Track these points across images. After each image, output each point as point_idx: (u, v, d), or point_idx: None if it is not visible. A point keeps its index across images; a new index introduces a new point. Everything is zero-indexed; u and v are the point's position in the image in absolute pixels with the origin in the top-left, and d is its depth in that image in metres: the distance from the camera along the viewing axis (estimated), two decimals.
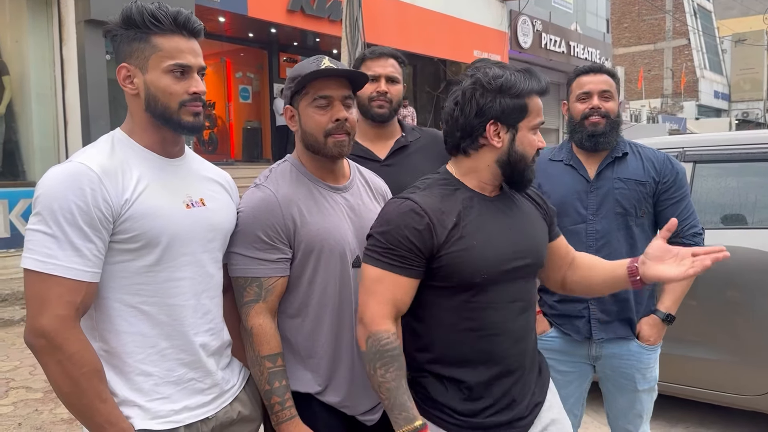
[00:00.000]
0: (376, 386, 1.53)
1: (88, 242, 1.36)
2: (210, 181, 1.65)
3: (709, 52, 34.15)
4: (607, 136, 2.30)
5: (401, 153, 2.32)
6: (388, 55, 2.32)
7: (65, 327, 1.33)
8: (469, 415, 1.60)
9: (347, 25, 8.06)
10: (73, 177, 1.36)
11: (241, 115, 15.05)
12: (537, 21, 18.26)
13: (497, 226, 1.63)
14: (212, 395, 1.56)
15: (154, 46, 1.45)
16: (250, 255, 1.64)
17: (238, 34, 13.43)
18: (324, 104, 1.69)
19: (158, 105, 1.47)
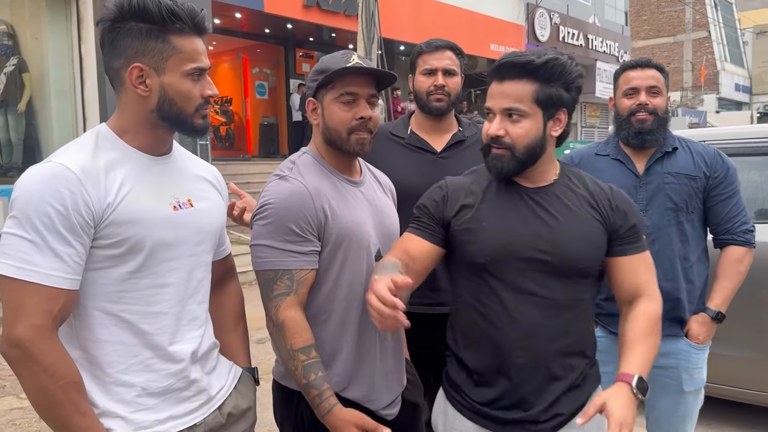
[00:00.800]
0: None
1: (68, 247, 1.27)
2: (198, 178, 1.57)
3: (730, 44, 33.66)
4: (655, 133, 2.24)
5: (457, 147, 2.31)
6: (445, 48, 2.29)
7: (41, 337, 1.25)
8: (480, 402, 1.61)
9: (363, 20, 8.05)
10: (50, 179, 1.27)
11: (258, 111, 15.11)
12: (554, 14, 18.11)
13: (522, 214, 1.60)
14: (199, 401, 1.50)
15: (174, 47, 1.36)
16: (280, 247, 1.61)
17: (255, 30, 13.47)
18: (349, 101, 1.68)
19: (174, 108, 1.39)
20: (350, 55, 1.69)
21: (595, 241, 1.61)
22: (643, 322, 1.59)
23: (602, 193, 1.66)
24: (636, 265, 1.64)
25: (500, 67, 1.58)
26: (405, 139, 2.30)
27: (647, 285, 1.65)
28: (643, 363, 1.53)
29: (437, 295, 2.20)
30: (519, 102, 1.56)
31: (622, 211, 1.64)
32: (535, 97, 1.56)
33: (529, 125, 1.57)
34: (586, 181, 1.69)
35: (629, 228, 1.63)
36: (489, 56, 16.55)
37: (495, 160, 1.60)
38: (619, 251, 1.63)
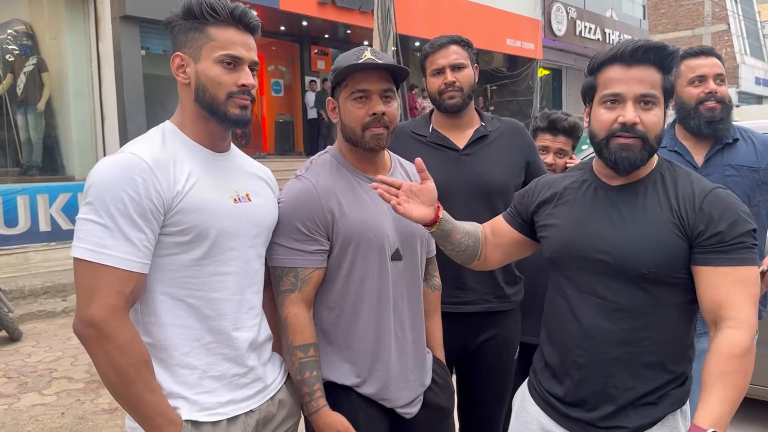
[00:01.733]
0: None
1: (139, 232, 1.35)
2: (254, 176, 1.65)
3: (750, 38, 33.16)
4: (725, 122, 2.19)
5: (480, 143, 2.27)
6: (449, 43, 2.26)
7: (114, 317, 1.33)
8: (550, 393, 1.62)
9: (379, 17, 8.03)
10: (125, 167, 1.35)
11: (274, 109, 15.14)
12: (571, 8, 17.96)
13: (594, 213, 1.57)
14: (255, 389, 1.56)
15: (208, 36, 1.46)
16: (288, 245, 1.65)
17: (270, 28, 13.49)
18: (362, 97, 1.68)
19: (207, 95, 1.47)
20: (363, 51, 1.69)
21: (667, 246, 1.47)
22: (722, 358, 1.36)
23: (690, 192, 1.49)
24: (720, 278, 1.42)
25: (633, 51, 1.48)
26: (427, 138, 2.28)
27: (733, 306, 1.40)
28: (720, 413, 1.32)
29: (465, 294, 2.19)
30: (654, 88, 1.48)
31: (708, 215, 1.45)
32: (662, 85, 1.50)
33: (660, 113, 1.50)
34: (678, 179, 1.54)
35: (714, 234, 1.43)
36: (505, 51, 16.46)
37: (624, 150, 1.48)
38: (699, 260, 1.45)
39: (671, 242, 1.47)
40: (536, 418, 1.65)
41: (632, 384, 1.50)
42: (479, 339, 2.21)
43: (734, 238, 1.43)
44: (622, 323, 1.50)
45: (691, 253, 1.47)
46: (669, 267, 1.47)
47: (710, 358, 1.39)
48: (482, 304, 2.20)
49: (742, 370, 1.36)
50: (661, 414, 1.51)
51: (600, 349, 1.52)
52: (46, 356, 4.98)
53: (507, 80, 17.52)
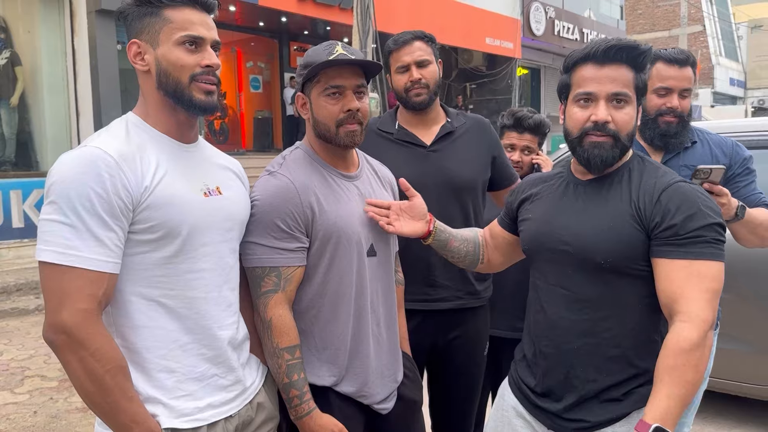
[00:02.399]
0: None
1: (108, 231, 1.28)
2: (224, 168, 1.60)
3: (725, 39, 33.68)
4: (679, 136, 2.21)
5: (447, 139, 2.26)
6: (413, 39, 2.23)
7: (88, 322, 1.26)
8: (524, 382, 1.67)
9: (358, 13, 8.02)
10: (90, 163, 1.28)
11: (252, 105, 15.05)
12: (550, 8, 18.09)
13: (562, 206, 1.61)
14: (235, 392, 1.51)
15: (165, 19, 1.40)
16: (267, 244, 1.60)
17: (249, 24, 13.41)
18: (335, 93, 1.66)
19: (170, 80, 1.40)
20: (334, 46, 1.66)
21: (623, 236, 1.47)
22: (670, 353, 1.36)
23: (652, 186, 1.50)
24: (674, 271, 1.41)
25: (606, 50, 1.50)
26: (394, 135, 2.26)
27: (685, 300, 1.38)
28: (666, 408, 1.32)
29: (436, 291, 2.19)
30: (626, 87, 1.51)
31: (665, 207, 1.44)
32: (635, 83, 1.52)
33: (632, 112, 1.52)
34: (645, 173, 1.55)
35: (669, 227, 1.43)
36: (484, 50, 16.53)
37: (596, 148, 1.51)
38: (656, 252, 1.45)
39: (627, 233, 1.47)
40: (512, 405, 1.69)
41: (594, 376, 1.52)
42: (450, 336, 2.22)
43: (691, 231, 1.41)
44: (583, 314, 1.52)
45: (650, 245, 1.47)
46: (625, 257, 1.47)
47: (661, 353, 1.38)
48: (454, 301, 2.20)
49: (690, 365, 1.34)
50: (626, 411, 1.50)
51: (563, 340, 1.55)
52: (19, 354, 4.90)
53: (486, 79, 17.59)
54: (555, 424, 1.57)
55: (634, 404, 1.49)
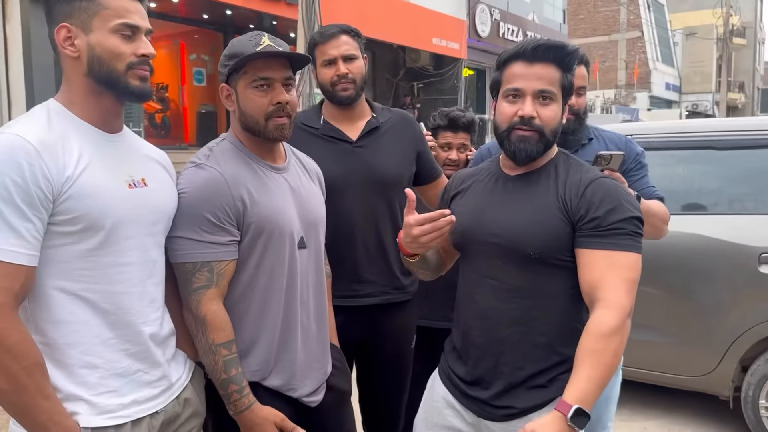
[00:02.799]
0: None
1: (26, 222, 1.23)
2: (150, 159, 1.56)
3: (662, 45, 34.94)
4: (576, 133, 2.27)
5: (373, 134, 2.25)
6: (339, 33, 2.20)
7: (3, 316, 1.21)
8: (454, 372, 1.70)
9: (303, 9, 7.96)
10: (7, 150, 1.23)
11: (195, 99, 14.75)
12: (495, 10, 18.38)
13: (491, 200, 1.67)
14: (160, 388, 1.48)
15: (98, 4, 1.36)
16: (197, 238, 1.56)
17: (192, 15, 13.14)
18: (264, 86, 1.63)
19: (103, 68, 1.36)
20: (260, 37, 1.64)
21: (551, 228, 1.54)
22: (591, 337, 1.43)
23: (577, 180, 1.58)
24: (596, 261, 1.49)
25: (534, 49, 1.57)
26: (319, 129, 2.23)
27: (606, 288, 1.46)
28: (586, 389, 1.38)
29: (362, 287, 2.19)
30: (551, 85, 1.58)
31: (589, 200, 1.53)
32: (561, 82, 1.59)
33: (555, 109, 1.60)
34: (571, 169, 1.62)
35: (592, 219, 1.51)
36: (431, 50, 16.65)
37: (522, 142, 1.57)
38: (579, 242, 1.53)
39: (555, 225, 1.55)
40: (442, 396, 1.73)
41: (522, 363, 1.58)
42: (378, 330, 2.23)
43: (612, 223, 1.50)
44: (512, 303, 1.58)
45: (574, 237, 1.55)
46: (553, 249, 1.55)
47: (582, 337, 1.46)
48: (380, 296, 2.21)
49: (610, 349, 1.42)
50: (551, 396, 1.56)
51: (493, 329, 1.60)
52: None
53: (433, 78, 17.73)
54: (484, 411, 1.62)
55: (558, 390, 1.54)
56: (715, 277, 3.29)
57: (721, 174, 3.52)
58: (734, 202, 3.45)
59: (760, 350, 3.24)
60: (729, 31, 30.92)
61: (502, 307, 1.59)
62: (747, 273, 3.19)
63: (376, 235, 2.20)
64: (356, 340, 2.21)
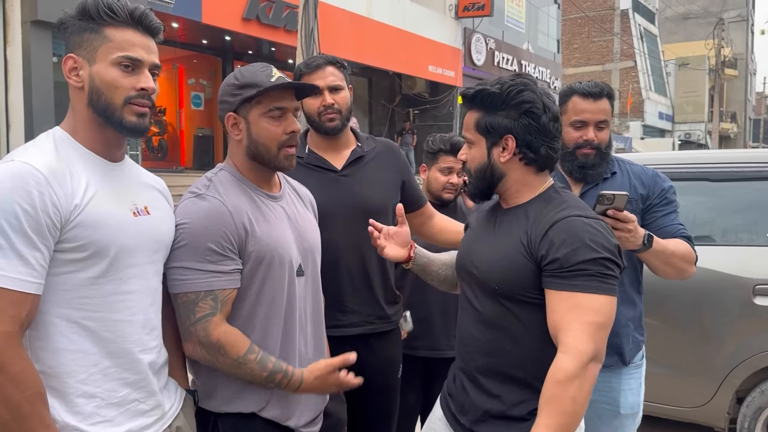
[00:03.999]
0: None
1: (34, 250, 1.23)
2: (150, 188, 1.57)
3: (655, 75, 35.41)
4: (597, 167, 2.21)
5: (358, 163, 2.26)
6: (325, 64, 2.21)
7: (9, 345, 1.19)
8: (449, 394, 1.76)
9: (303, 36, 8.06)
10: (18, 178, 1.22)
11: (193, 122, 14.83)
12: (490, 39, 18.63)
13: (480, 232, 1.75)
14: (154, 417, 1.46)
15: (104, 36, 1.38)
16: (202, 268, 1.56)
17: (192, 41, 13.26)
18: (279, 115, 1.67)
19: (101, 99, 1.37)
20: (270, 68, 1.68)
21: (513, 265, 1.54)
22: (549, 384, 1.41)
23: (547, 220, 1.54)
24: (557, 302, 1.47)
25: (464, 97, 1.69)
26: (304, 159, 2.23)
27: (565, 331, 1.43)
28: None
29: (345, 316, 2.18)
30: (467, 131, 1.68)
31: (551, 241, 1.49)
32: (476, 124, 1.64)
33: (474, 152, 1.66)
34: (549, 206, 1.58)
35: (554, 260, 1.47)
36: (427, 77, 16.84)
37: (465, 186, 1.75)
38: (545, 282, 1.51)
39: (517, 262, 1.54)
40: (438, 417, 1.78)
41: (498, 392, 1.58)
42: (362, 361, 2.17)
43: (574, 264, 1.45)
44: (487, 333, 1.61)
45: (540, 275, 1.52)
46: (516, 285, 1.54)
47: (544, 382, 1.43)
48: (364, 326, 2.20)
49: (567, 396, 1.37)
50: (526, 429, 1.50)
51: (471, 357, 1.64)
52: None
53: (429, 105, 17.89)
54: (453, 422, 1.67)
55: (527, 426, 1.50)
56: (710, 309, 3.29)
57: (715, 205, 3.55)
58: (728, 233, 3.48)
59: (755, 382, 3.24)
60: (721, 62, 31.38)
61: (479, 337, 1.62)
62: (741, 304, 3.20)
63: (360, 264, 2.19)
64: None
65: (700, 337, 3.31)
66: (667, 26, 39.14)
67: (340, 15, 13.11)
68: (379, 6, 14.74)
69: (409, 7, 15.92)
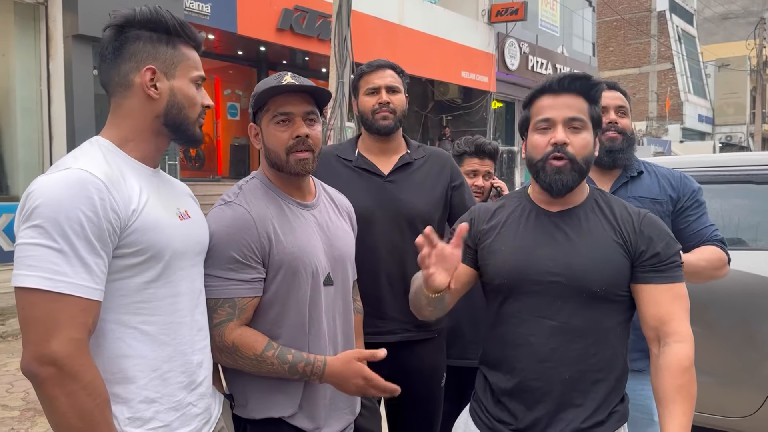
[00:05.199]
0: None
1: (96, 257, 1.23)
2: (184, 193, 1.60)
3: (693, 77, 34.69)
4: (625, 152, 2.20)
5: (405, 170, 2.25)
6: (386, 67, 2.26)
7: (80, 352, 1.20)
8: (497, 419, 1.61)
9: (336, 44, 8.11)
10: (79, 185, 1.23)
11: (229, 132, 15.06)
12: (524, 43, 18.49)
13: (540, 238, 1.61)
14: (203, 420, 1.48)
15: (182, 54, 1.44)
16: (223, 276, 1.58)
17: (228, 52, 13.47)
18: (284, 120, 1.67)
19: (181, 113, 1.43)
20: (283, 75, 1.68)
21: (614, 264, 1.55)
22: (677, 373, 1.47)
23: (628, 216, 1.61)
24: (660, 295, 1.53)
25: (560, 81, 1.60)
26: (353, 162, 2.25)
27: (675, 321, 1.52)
28: (687, 424, 1.43)
29: (385, 323, 2.16)
30: (581, 113, 1.59)
31: (647, 236, 1.56)
32: (589, 112, 1.62)
33: (588, 137, 1.61)
34: (613, 204, 1.65)
35: (654, 254, 1.54)
36: (460, 83, 16.79)
37: (557, 173, 1.57)
38: (642, 278, 1.55)
39: (618, 261, 1.55)
40: None
41: (582, 401, 1.55)
42: (404, 369, 2.16)
43: (669, 257, 1.55)
44: (572, 344, 1.55)
45: (633, 272, 1.56)
46: (616, 285, 1.55)
47: (664, 374, 1.49)
48: (402, 333, 2.18)
49: (693, 381, 1.48)
50: (610, 430, 1.56)
51: (554, 371, 1.55)
52: None
53: (462, 111, 17.84)
54: None
55: (616, 423, 1.56)
56: (756, 315, 3.19)
57: (760, 208, 3.45)
58: None
59: None
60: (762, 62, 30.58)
61: (563, 349, 1.55)
62: None
63: (400, 272, 2.16)
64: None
65: (746, 344, 3.21)
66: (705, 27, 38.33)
67: (373, 23, 13.17)
68: (411, 13, 14.77)
69: (441, 13, 15.91)
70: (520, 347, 1.58)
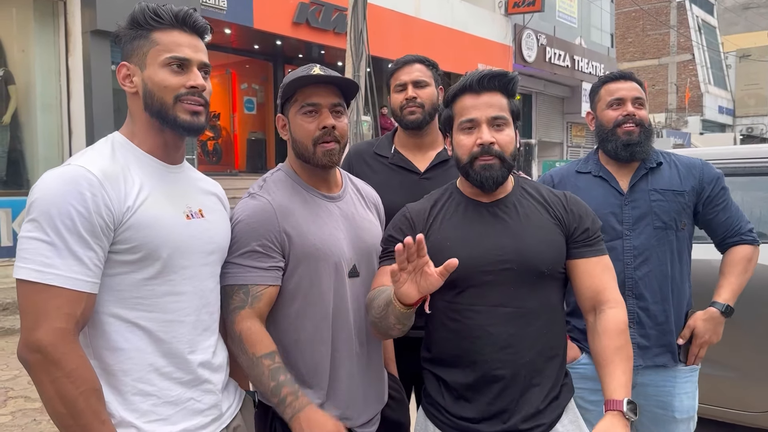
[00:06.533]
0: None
1: (88, 250, 1.27)
2: (207, 192, 1.61)
3: (714, 68, 34.18)
4: (643, 145, 2.14)
5: (441, 167, 2.25)
6: (413, 62, 2.29)
7: (64, 341, 1.24)
8: (460, 417, 1.61)
9: (352, 38, 8.10)
10: (72, 181, 1.28)
11: (246, 126, 15.10)
12: (541, 35, 18.32)
13: (483, 228, 1.64)
14: (211, 416, 1.49)
15: (152, 41, 1.42)
16: (239, 263, 1.60)
17: (244, 46, 13.51)
18: (311, 111, 1.67)
19: (155, 101, 1.42)
20: (311, 67, 1.69)
21: (554, 243, 1.64)
22: (614, 335, 1.56)
23: (555, 197, 1.71)
24: (594, 267, 1.65)
25: (479, 80, 1.63)
26: (389, 159, 2.27)
27: (609, 290, 1.63)
28: (626, 382, 1.50)
29: (420, 318, 2.14)
30: (502, 110, 1.63)
31: (577, 214, 1.68)
32: (509, 108, 1.65)
33: (511, 133, 1.65)
34: (539, 188, 1.74)
35: (584, 230, 1.66)
36: None
37: (486, 170, 1.61)
38: (576, 254, 1.66)
39: (558, 240, 1.65)
40: None
41: (541, 381, 1.61)
42: None
43: (595, 232, 1.68)
44: (529, 326, 1.60)
45: (568, 249, 1.66)
46: (558, 263, 1.65)
47: (603, 338, 1.58)
48: None
49: (629, 343, 1.59)
50: (564, 404, 1.65)
51: (517, 356, 1.58)
52: (3, 375, 4.84)
53: None
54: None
55: (567, 395, 1.66)
56: None
57: None
58: None
59: None
60: None
61: (521, 333, 1.59)
62: None
63: None
64: (412, 370, 2.19)
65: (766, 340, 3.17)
66: (726, 17, 37.71)
67: (389, 16, 13.13)
68: (428, 5, 14.70)
69: (457, 5, 15.82)
70: (479, 339, 1.59)
